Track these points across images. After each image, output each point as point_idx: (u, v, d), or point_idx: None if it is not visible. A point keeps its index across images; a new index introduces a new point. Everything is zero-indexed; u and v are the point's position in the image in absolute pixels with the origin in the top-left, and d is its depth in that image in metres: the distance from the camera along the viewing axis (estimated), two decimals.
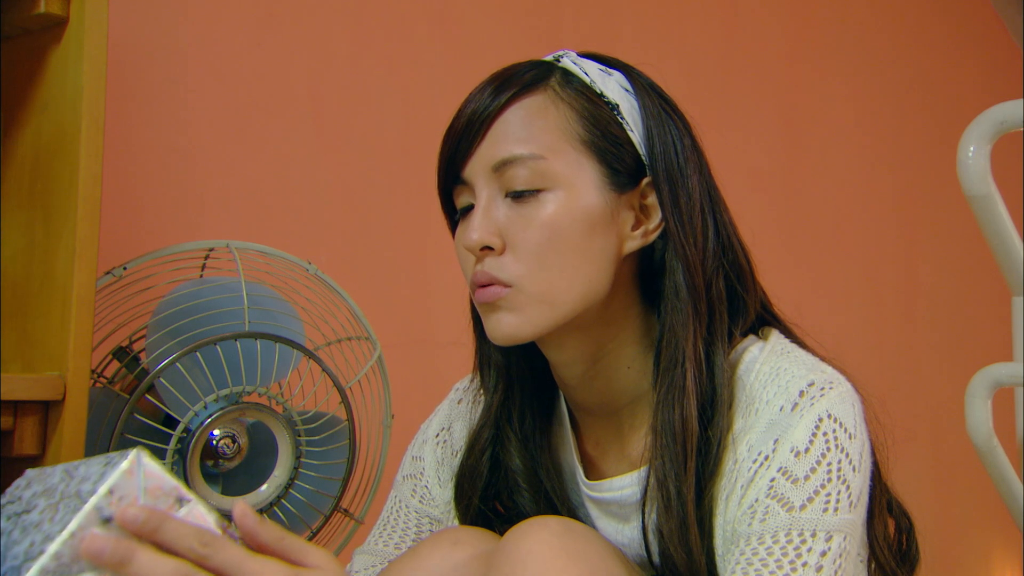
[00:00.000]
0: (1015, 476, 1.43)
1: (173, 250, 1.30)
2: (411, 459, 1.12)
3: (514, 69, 0.95)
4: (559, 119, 0.91)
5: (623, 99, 0.93)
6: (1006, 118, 1.30)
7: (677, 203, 0.92)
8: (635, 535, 0.96)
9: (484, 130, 0.91)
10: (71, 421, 1.11)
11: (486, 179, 0.91)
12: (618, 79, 0.94)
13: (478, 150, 0.91)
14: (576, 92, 0.92)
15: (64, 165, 1.15)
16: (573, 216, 0.89)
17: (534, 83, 0.92)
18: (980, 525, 2.86)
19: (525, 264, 0.89)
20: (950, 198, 2.20)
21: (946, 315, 2.88)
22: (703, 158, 0.96)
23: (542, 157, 0.89)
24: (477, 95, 0.93)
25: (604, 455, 1.00)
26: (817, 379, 0.88)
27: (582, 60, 0.95)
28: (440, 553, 0.93)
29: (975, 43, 3.03)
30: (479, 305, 0.93)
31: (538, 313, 0.90)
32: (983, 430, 1.40)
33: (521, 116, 0.91)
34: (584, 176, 0.90)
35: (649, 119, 0.93)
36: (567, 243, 0.89)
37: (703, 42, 2.35)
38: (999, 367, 1.41)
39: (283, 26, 1.72)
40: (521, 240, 0.89)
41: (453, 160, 0.93)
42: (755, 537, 0.84)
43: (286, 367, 1.28)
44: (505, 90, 0.92)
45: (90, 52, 1.13)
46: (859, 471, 0.86)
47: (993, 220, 1.30)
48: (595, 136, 0.91)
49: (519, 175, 0.89)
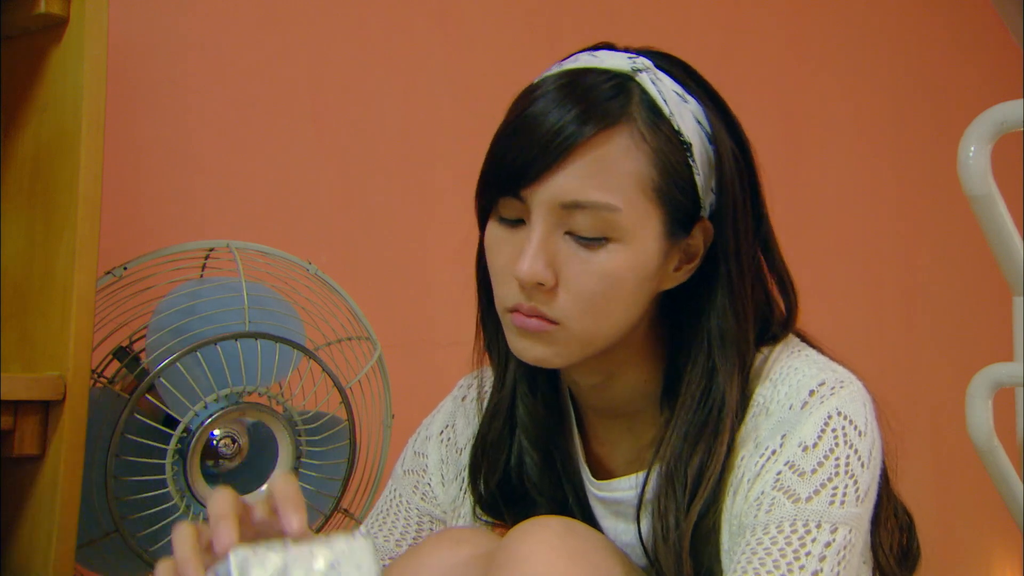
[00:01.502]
0: (1016, 476, 1.43)
1: (173, 250, 1.30)
2: (413, 454, 1.10)
3: (593, 83, 0.86)
4: (638, 164, 0.85)
5: (696, 137, 0.88)
6: (1006, 118, 1.30)
7: (736, 249, 0.90)
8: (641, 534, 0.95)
9: (561, 160, 0.84)
10: (71, 421, 1.11)
11: (549, 210, 0.85)
12: (693, 110, 0.89)
13: (550, 179, 0.85)
14: (655, 128, 0.86)
15: (64, 165, 1.14)
16: (633, 270, 0.87)
17: (618, 113, 0.85)
18: (980, 525, 2.86)
19: (575, 307, 0.86)
20: (950, 198, 2.20)
21: (946, 315, 2.88)
22: (762, 193, 0.94)
23: (617, 209, 0.84)
24: (555, 109, 0.85)
25: (611, 454, 0.99)
26: (828, 378, 0.88)
27: (661, 79, 0.88)
28: (441, 553, 0.92)
29: (975, 43, 3.03)
30: (512, 326, 0.89)
31: (574, 350, 0.89)
32: (984, 430, 1.40)
33: (602, 156, 0.84)
34: (649, 228, 0.87)
35: (722, 165, 0.89)
36: (620, 294, 0.87)
37: (703, 41, 2.34)
38: (1000, 367, 1.41)
39: (283, 26, 1.72)
40: (575, 283, 0.86)
41: (515, 176, 0.86)
42: (760, 527, 0.84)
43: (286, 367, 1.28)
44: (590, 118, 0.84)
45: (90, 52, 1.13)
46: (868, 467, 0.86)
47: (994, 220, 1.30)
48: (666, 183, 0.86)
49: (588, 222, 0.85)
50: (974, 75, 2.96)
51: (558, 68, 0.91)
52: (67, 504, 1.11)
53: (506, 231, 0.89)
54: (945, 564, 2.75)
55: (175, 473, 1.22)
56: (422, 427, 1.12)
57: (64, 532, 1.10)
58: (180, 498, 1.22)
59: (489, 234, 0.92)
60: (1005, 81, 2.89)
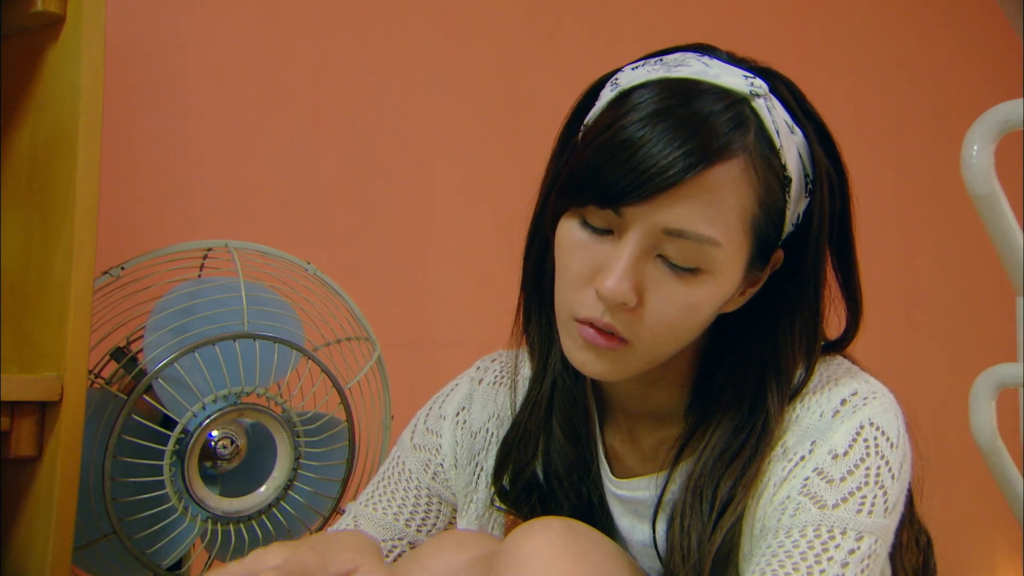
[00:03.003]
0: (1019, 476, 1.43)
1: (171, 250, 1.30)
2: (425, 430, 1.07)
3: (710, 110, 0.81)
4: (744, 199, 0.82)
5: (796, 172, 0.86)
6: (1009, 117, 1.30)
7: (806, 285, 0.89)
8: (658, 534, 0.94)
9: (672, 188, 0.80)
10: (68, 422, 1.11)
11: (648, 233, 0.81)
12: (799, 142, 0.86)
13: (657, 204, 0.80)
14: (767, 163, 0.83)
15: (62, 164, 1.14)
16: (715, 303, 0.85)
17: (737, 144, 0.81)
18: (983, 526, 2.85)
19: (652, 331, 0.84)
20: (952, 197, 2.20)
21: (949, 315, 2.87)
22: (852, 232, 0.92)
23: (719, 244, 0.82)
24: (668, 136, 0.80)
25: (630, 452, 0.98)
26: (861, 388, 0.87)
27: (775, 108, 0.85)
28: (444, 556, 0.92)
29: (976, 42, 3.03)
30: (577, 336, 0.86)
31: (635, 368, 0.87)
32: (987, 431, 1.39)
33: (715, 189, 0.81)
34: (739, 262, 0.85)
35: (815, 204, 0.87)
36: (697, 323, 0.86)
37: (702, 40, 2.33)
38: (1003, 368, 1.41)
39: (282, 25, 1.72)
40: (658, 308, 0.83)
41: (617, 193, 0.81)
42: (783, 531, 0.83)
43: (285, 368, 1.27)
44: (707, 153, 0.80)
45: (88, 50, 1.13)
46: (898, 479, 0.85)
47: (997, 219, 1.30)
48: (763, 219, 0.84)
49: (685, 251, 0.82)
50: (975, 75, 2.96)
51: (663, 71, 0.85)
52: (64, 506, 1.10)
53: (590, 237, 0.85)
54: (947, 565, 2.74)
55: (173, 474, 1.21)
56: (434, 403, 1.08)
57: (61, 534, 1.10)
58: (178, 500, 1.22)
59: (567, 235, 0.86)
60: (1006, 81, 2.89)
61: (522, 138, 1.92)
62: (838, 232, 0.91)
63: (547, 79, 2.00)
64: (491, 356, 1.07)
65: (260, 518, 1.28)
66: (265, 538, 1.28)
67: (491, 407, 1.04)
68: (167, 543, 1.22)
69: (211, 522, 1.24)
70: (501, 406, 1.03)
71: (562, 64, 2.04)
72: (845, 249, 0.92)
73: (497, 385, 1.05)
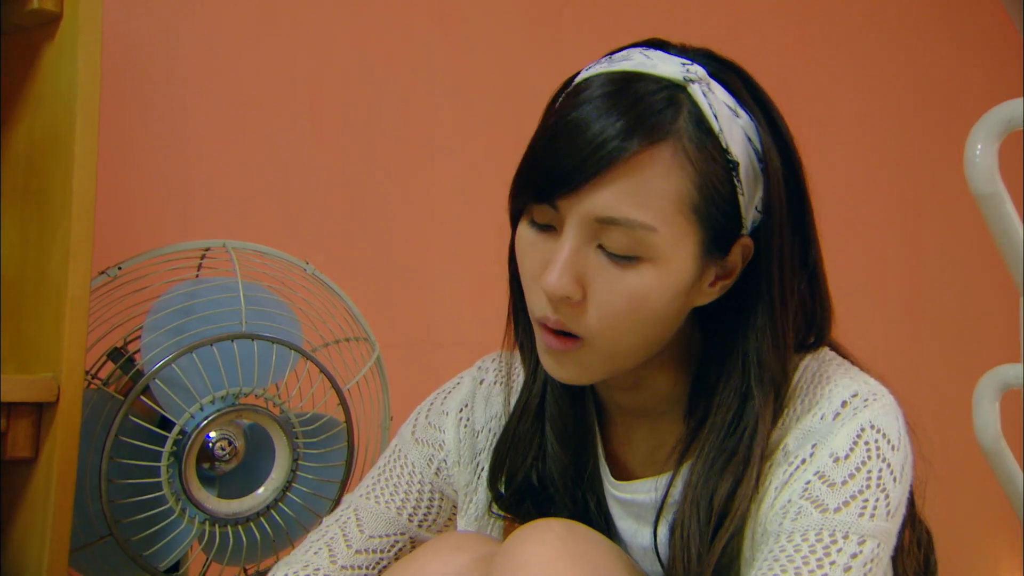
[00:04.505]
0: (1022, 478, 1.42)
1: (169, 250, 1.29)
2: (428, 424, 1.06)
3: (643, 92, 0.83)
4: (679, 183, 0.82)
5: (744, 155, 0.85)
6: (1013, 116, 1.29)
7: (774, 270, 0.87)
8: (660, 537, 0.94)
9: (601, 174, 0.81)
10: (65, 423, 1.10)
11: (583, 223, 0.83)
12: (744, 126, 0.85)
13: (587, 192, 0.82)
14: (701, 146, 0.83)
15: (58, 163, 1.13)
16: (664, 290, 0.84)
17: (665, 127, 0.82)
18: (985, 526, 2.84)
19: (600, 324, 0.84)
20: (955, 197, 2.19)
21: (952, 315, 2.87)
22: (812, 211, 0.91)
23: (653, 229, 0.82)
24: (600, 118, 0.82)
25: (630, 454, 0.98)
26: (861, 390, 0.86)
27: (714, 91, 0.85)
28: (441, 559, 0.92)
29: (981, 40, 3.02)
30: (541, 340, 0.88)
31: (601, 368, 0.88)
32: (991, 432, 1.39)
33: (643, 173, 0.81)
34: (685, 248, 0.84)
35: (770, 185, 0.86)
36: (649, 313, 0.85)
37: (704, 42, 2.32)
38: (1007, 368, 1.40)
39: (281, 25, 1.71)
40: (603, 300, 0.84)
41: (552, 184, 0.83)
42: (784, 535, 0.82)
43: (283, 368, 1.27)
44: (635, 133, 0.81)
45: (84, 48, 1.12)
46: (900, 482, 0.84)
47: (1000, 219, 1.29)
48: (707, 203, 0.83)
49: (621, 239, 0.82)
50: (978, 74, 2.95)
51: (607, 66, 0.87)
52: (60, 507, 1.10)
53: (537, 236, 0.86)
54: (950, 566, 2.74)
55: (170, 476, 1.21)
56: (436, 398, 1.08)
57: (57, 536, 1.10)
58: (176, 501, 1.21)
59: (520, 236, 0.88)
60: (1009, 80, 2.88)
61: (522, 138, 1.91)
62: (795, 221, 0.89)
63: (547, 79, 1.98)
64: (492, 356, 1.07)
65: (258, 520, 1.27)
66: (263, 540, 1.27)
67: (493, 407, 1.04)
68: (164, 545, 1.21)
69: (209, 524, 1.24)
70: (502, 406, 1.03)
71: (562, 64, 2.02)
72: (807, 247, 0.91)
73: (498, 385, 1.04)
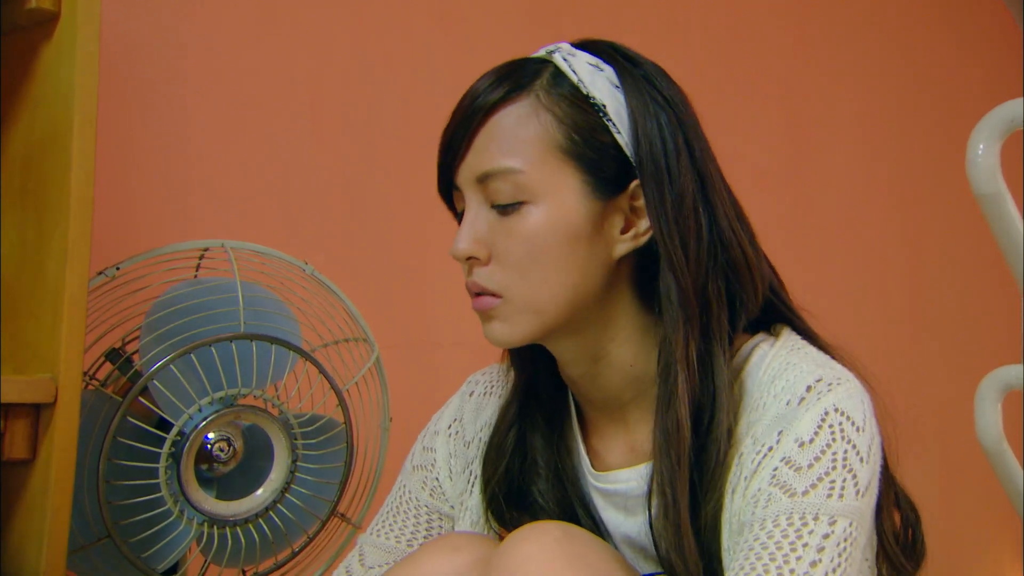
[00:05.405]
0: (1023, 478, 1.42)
1: (167, 250, 1.29)
2: (422, 449, 1.11)
3: (506, 69, 0.93)
4: (540, 128, 0.90)
5: (611, 98, 0.91)
6: (1015, 116, 1.28)
7: (664, 205, 0.89)
8: (640, 527, 0.96)
9: (471, 138, 0.91)
10: (63, 424, 1.10)
11: (473, 189, 0.92)
12: (608, 76, 0.92)
13: (466, 159, 0.92)
14: (561, 96, 0.90)
15: (56, 163, 1.13)
16: (554, 229, 0.89)
17: (520, 88, 0.91)
18: (987, 527, 2.84)
19: (509, 276, 0.91)
20: (956, 197, 2.19)
21: (953, 316, 2.86)
22: (700, 151, 0.92)
23: (521, 171, 0.89)
24: (468, 96, 0.93)
25: (610, 448, 0.99)
26: (825, 375, 0.88)
27: (574, 56, 0.93)
28: (439, 559, 0.92)
29: (982, 40, 3.02)
30: (475, 311, 0.94)
31: (526, 321, 0.91)
32: (993, 433, 1.38)
33: (505, 125, 0.90)
34: (566, 187, 0.90)
35: (636, 118, 0.91)
36: (548, 255, 0.90)
37: (706, 43, 2.33)
38: (1009, 369, 1.40)
39: (281, 25, 1.71)
40: (504, 252, 0.91)
41: (447, 166, 0.94)
42: (757, 524, 0.83)
43: (282, 369, 1.26)
44: (491, 93, 0.91)
45: (82, 48, 1.12)
46: (867, 463, 0.85)
47: (1003, 219, 1.29)
48: (577, 144, 0.90)
49: (501, 188, 0.90)
50: (980, 73, 2.95)
51: None
52: (58, 509, 1.10)
53: (460, 223, 0.95)
54: (951, 566, 2.73)
55: (169, 477, 1.20)
56: (431, 423, 1.13)
57: (55, 538, 1.09)
58: (174, 503, 1.21)
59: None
60: (1011, 79, 2.88)
61: None
62: (681, 156, 0.91)
63: None
64: (481, 371, 1.11)
65: (257, 521, 1.27)
66: (262, 541, 1.27)
67: (483, 416, 1.07)
68: (163, 547, 1.21)
69: (207, 525, 1.23)
70: (492, 415, 1.06)
71: None
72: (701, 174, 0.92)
73: (488, 395, 1.08)
